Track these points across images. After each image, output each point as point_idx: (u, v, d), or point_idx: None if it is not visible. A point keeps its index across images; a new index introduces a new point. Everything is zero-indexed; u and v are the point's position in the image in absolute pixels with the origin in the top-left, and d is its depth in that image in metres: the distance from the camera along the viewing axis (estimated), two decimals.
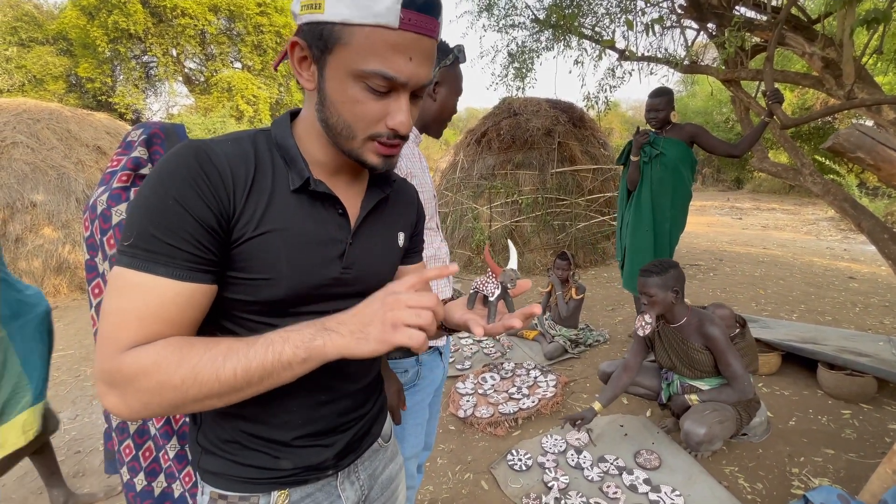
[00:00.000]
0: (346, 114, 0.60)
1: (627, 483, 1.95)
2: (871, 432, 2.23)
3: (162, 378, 0.51)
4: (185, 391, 0.52)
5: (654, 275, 2.08)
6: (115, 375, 0.52)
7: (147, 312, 0.54)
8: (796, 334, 3.02)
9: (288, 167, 0.63)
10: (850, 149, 1.43)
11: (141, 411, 0.53)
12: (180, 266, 0.54)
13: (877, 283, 4.80)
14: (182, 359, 0.52)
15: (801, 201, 11.98)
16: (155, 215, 0.54)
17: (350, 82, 0.57)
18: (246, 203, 0.59)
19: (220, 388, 0.52)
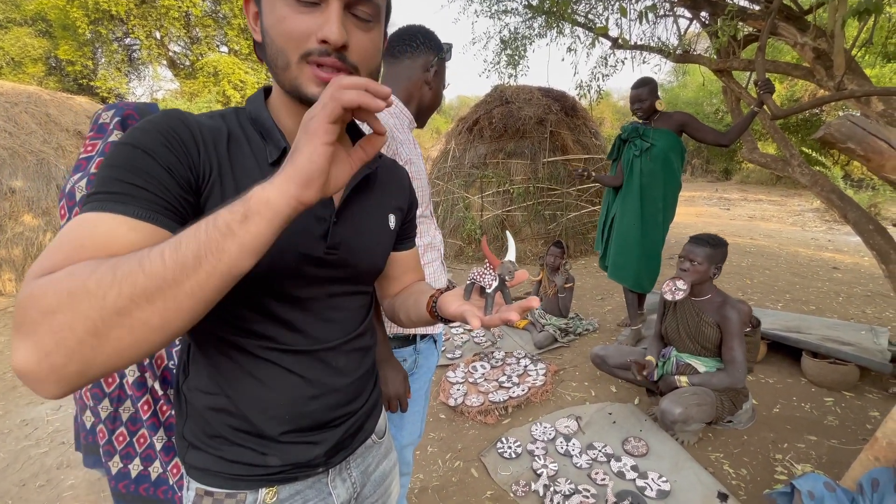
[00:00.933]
0: (277, 38, 0.55)
1: (615, 470, 1.97)
2: (853, 419, 2.28)
3: (72, 286, 0.39)
4: (104, 295, 0.39)
5: (709, 245, 2.15)
6: (24, 305, 0.39)
7: (90, 241, 0.45)
8: (781, 323, 3.07)
9: (265, 141, 0.61)
10: (840, 139, 1.44)
11: (53, 351, 0.38)
12: (141, 205, 0.48)
13: (860, 273, 4.89)
14: (100, 263, 0.41)
15: (787, 192, 12.13)
16: (120, 163, 0.50)
17: (277, 2, 0.55)
18: (219, 175, 0.56)
19: (146, 280, 0.40)
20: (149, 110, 1.34)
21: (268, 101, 0.65)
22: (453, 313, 0.65)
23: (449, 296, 0.68)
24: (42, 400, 2.87)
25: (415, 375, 1.24)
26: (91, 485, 2.08)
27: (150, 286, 0.40)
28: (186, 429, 0.67)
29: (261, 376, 0.63)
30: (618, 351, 2.51)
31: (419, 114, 1.28)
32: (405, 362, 1.21)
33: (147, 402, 1.25)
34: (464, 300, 0.66)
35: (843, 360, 2.54)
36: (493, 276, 0.61)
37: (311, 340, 0.66)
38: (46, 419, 2.66)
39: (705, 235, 2.21)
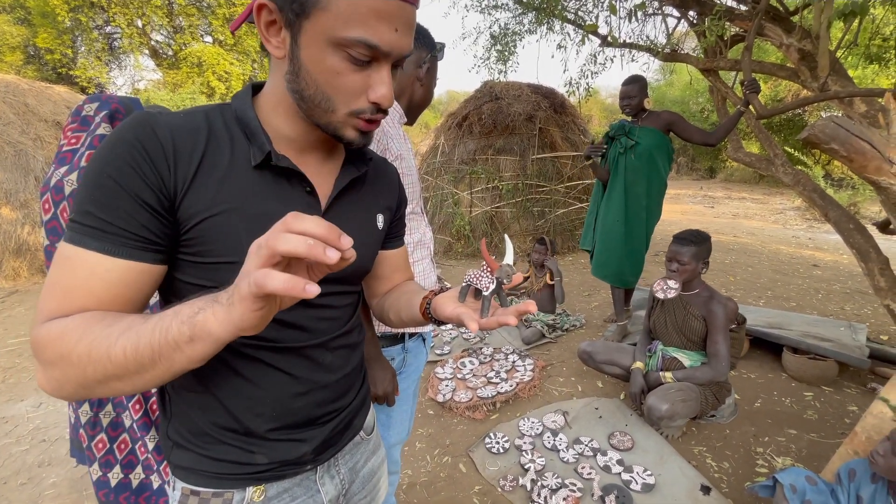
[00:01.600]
0: (324, 85, 0.55)
1: (601, 464, 2.00)
2: (832, 413, 2.34)
3: (62, 350, 0.48)
4: (84, 369, 0.47)
5: (692, 244, 2.18)
6: (34, 347, 0.51)
7: (73, 285, 0.51)
8: (763, 319, 3.13)
9: (249, 142, 0.59)
10: (824, 140, 1.46)
11: (58, 389, 0.50)
12: (113, 242, 0.52)
13: (839, 271, 5.01)
14: (84, 333, 0.48)
15: (769, 191, 12.35)
16: (92, 190, 0.51)
17: (329, 51, 0.53)
18: (194, 179, 0.55)
19: (114, 368, 0.46)
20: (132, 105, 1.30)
21: (256, 99, 0.63)
22: (449, 315, 0.64)
23: (444, 298, 0.68)
24: (22, 396, 2.81)
25: (403, 374, 1.23)
26: (73, 483, 2.05)
27: (117, 372, 0.47)
28: (171, 428, 0.66)
29: (247, 374, 0.62)
30: (604, 347, 2.54)
31: (409, 110, 1.28)
32: (393, 361, 1.21)
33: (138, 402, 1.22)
34: (459, 302, 0.65)
35: (823, 356, 2.60)
36: (490, 279, 0.61)
37: (298, 337, 0.65)
38: (27, 416, 2.60)
39: (688, 234, 2.24)
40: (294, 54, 0.55)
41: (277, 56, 0.56)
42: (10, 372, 3.13)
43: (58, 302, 0.51)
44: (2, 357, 3.35)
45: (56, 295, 0.52)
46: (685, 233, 2.26)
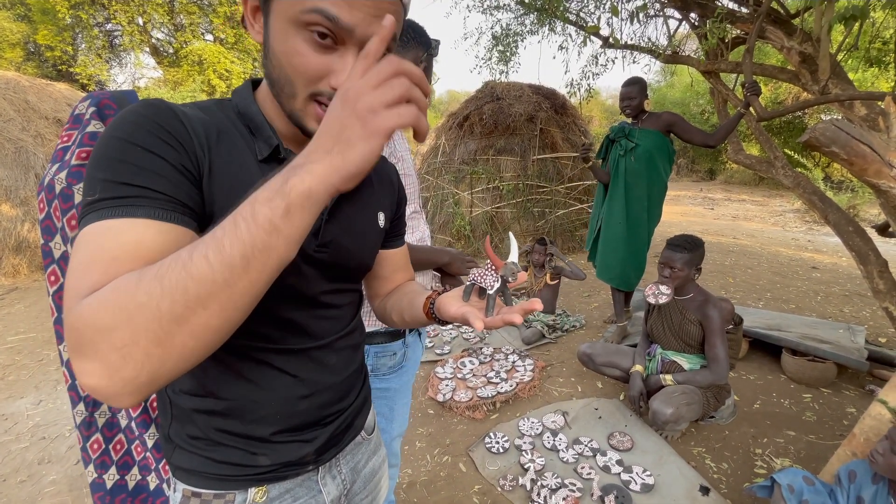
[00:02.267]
0: (287, 67, 0.53)
1: (601, 464, 2.01)
2: (830, 415, 2.35)
3: (122, 301, 0.39)
4: (157, 307, 0.38)
5: (685, 250, 2.18)
6: (78, 328, 0.39)
7: (119, 255, 0.44)
8: (762, 321, 3.14)
9: (253, 136, 0.59)
10: (825, 143, 1.47)
11: (122, 367, 0.39)
12: (159, 206, 0.47)
13: (838, 273, 5.02)
14: (143, 273, 0.40)
15: (769, 193, 12.37)
16: (120, 164, 0.47)
17: (292, 30, 0.51)
18: (212, 169, 0.53)
19: (198, 288, 0.39)
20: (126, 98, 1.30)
21: (256, 94, 0.62)
22: (454, 315, 0.64)
23: (447, 297, 0.68)
24: (22, 394, 2.81)
25: (403, 368, 1.25)
26: (72, 480, 2.05)
27: (201, 292, 0.39)
28: (172, 430, 0.65)
29: (252, 377, 0.62)
30: (604, 349, 2.55)
31: None
32: (395, 356, 1.22)
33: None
34: (463, 302, 0.65)
35: (822, 358, 2.61)
36: (495, 278, 0.61)
37: (302, 339, 0.65)
38: (27, 414, 2.60)
39: (681, 239, 2.23)
40: (266, 37, 0.54)
41: (257, 41, 0.56)
42: (9, 369, 3.13)
43: (100, 274, 0.42)
44: (1, 354, 3.35)
45: (97, 267, 0.43)
46: (678, 238, 2.25)
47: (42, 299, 4.55)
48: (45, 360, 3.26)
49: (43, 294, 4.73)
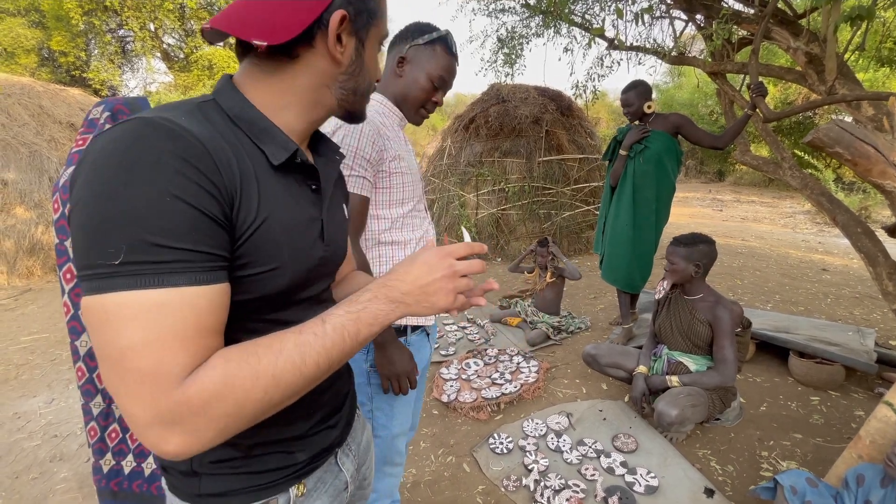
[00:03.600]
0: (372, 76, 0.66)
1: (605, 465, 2.00)
2: (838, 418, 2.32)
3: (240, 395, 0.47)
4: (269, 400, 0.49)
5: (683, 245, 2.21)
6: (180, 411, 0.44)
7: (187, 330, 0.46)
8: (770, 323, 3.11)
9: (257, 142, 0.57)
10: (829, 144, 1.47)
11: (215, 439, 0.47)
12: (201, 269, 0.47)
13: (848, 276, 4.96)
14: (256, 370, 0.48)
15: (779, 194, 12.24)
16: (152, 219, 0.44)
17: (377, 48, 0.66)
18: (241, 188, 0.52)
19: (305, 382, 0.52)
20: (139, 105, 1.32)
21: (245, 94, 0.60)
22: None
23: None
24: (35, 393, 2.87)
25: None
26: (83, 478, 2.09)
27: (305, 386, 0.52)
28: (195, 463, 0.61)
29: None
30: (609, 350, 2.54)
31: (400, 107, 1.25)
32: None
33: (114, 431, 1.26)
34: None
35: (830, 360, 2.58)
36: None
37: None
38: (39, 412, 2.65)
39: (683, 236, 2.26)
40: (359, 56, 0.63)
41: (342, 61, 0.61)
42: (23, 368, 3.19)
43: (182, 356, 0.45)
44: (15, 354, 3.42)
45: (175, 349, 0.45)
46: (681, 235, 2.28)
47: (55, 300, 4.63)
48: (57, 360, 3.32)
49: (56, 295, 4.81)
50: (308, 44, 0.58)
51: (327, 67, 0.61)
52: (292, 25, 0.55)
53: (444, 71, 1.20)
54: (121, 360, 0.44)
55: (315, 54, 0.59)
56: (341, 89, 0.63)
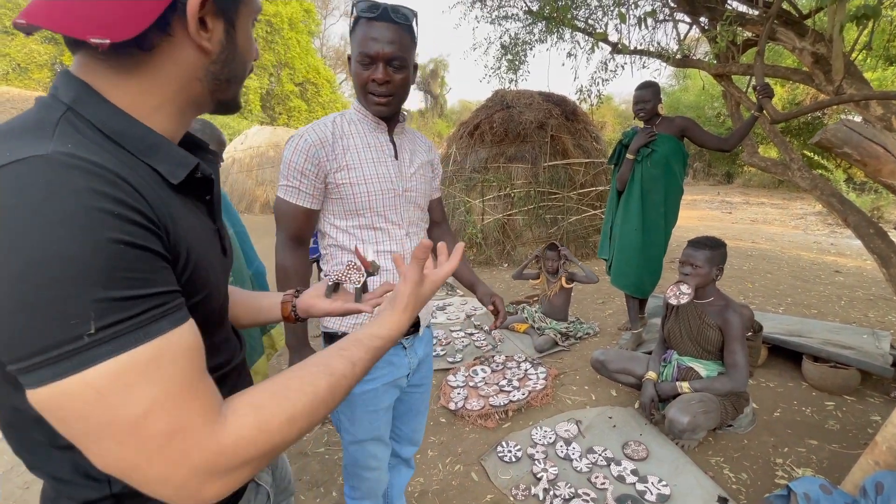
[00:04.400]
0: (248, 54, 0.58)
1: (615, 474, 1.97)
2: (854, 423, 2.27)
3: (277, 439, 0.48)
4: (300, 434, 0.51)
5: (707, 248, 2.16)
6: (217, 461, 0.43)
7: (192, 376, 0.44)
8: (782, 327, 3.06)
9: (148, 160, 0.48)
10: (837, 144, 1.45)
11: (250, 476, 0.48)
12: (175, 308, 0.44)
13: (862, 277, 4.88)
14: (292, 414, 0.49)
15: (789, 196, 12.11)
16: (106, 273, 0.38)
17: (250, 25, 0.57)
18: (159, 216, 0.45)
19: (325, 412, 0.54)
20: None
21: (109, 102, 0.48)
22: (329, 310, 0.81)
23: (310, 298, 0.83)
24: None
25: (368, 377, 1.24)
26: None
27: (324, 415, 0.54)
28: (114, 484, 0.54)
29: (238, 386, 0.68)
30: (617, 355, 2.52)
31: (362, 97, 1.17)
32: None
33: None
34: (328, 299, 0.82)
35: (845, 364, 2.53)
36: (360, 275, 0.79)
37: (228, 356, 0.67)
38: None
39: (703, 238, 2.22)
40: (230, 40, 0.53)
41: (211, 49, 0.51)
42: None
43: (196, 404, 0.43)
44: None
45: (187, 399, 0.42)
46: (701, 237, 2.24)
47: None
48: None
49: None
50: (165, 32, 0.47)
51: (193, 58, 0.51)
52: (139, 15, 0.44)
53: (361, 43, 1.08)
54: (134, 431, 0.39)
55: (176, 44, 0.49)
56: (214, 80, 0.53)
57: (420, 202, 1.28)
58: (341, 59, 27.63)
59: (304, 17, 18.57)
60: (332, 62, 26.23)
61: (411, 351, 1.31)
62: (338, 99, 21.10)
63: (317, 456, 2.21)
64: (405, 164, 1.23)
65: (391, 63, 1.08)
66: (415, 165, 1.26)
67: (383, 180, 1.17)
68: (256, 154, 11.28)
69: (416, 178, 1.25)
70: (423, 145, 1.33)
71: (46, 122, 0.43)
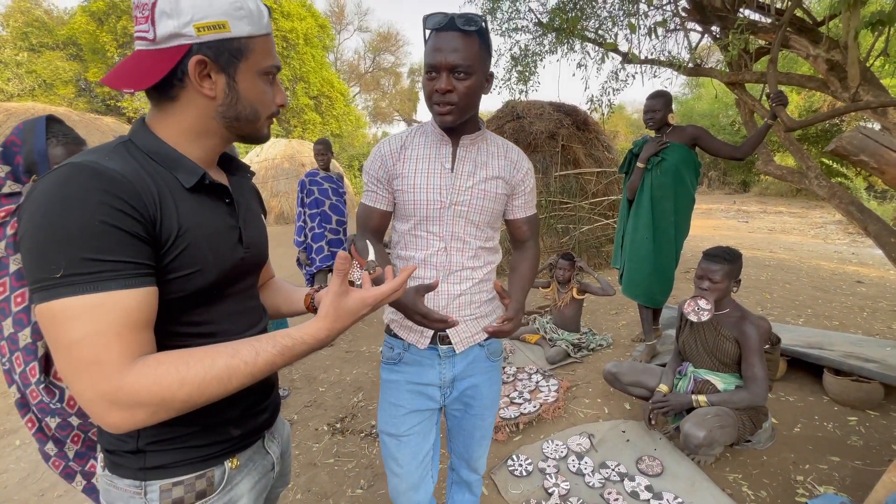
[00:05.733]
0: (256, 103, 0.75)
1: (629, 489, 1.93)
2: (878, 439, 2.19)
3: (166, 394, 0.58)
4: (192, 401, 0.61)
5: (726, 262, 2.10)
6: (117, 395, 0.57)
7: (121, 326, 0.58)
8: (802, 339, 2.98)
9: (170, 170, 0.70)
10: (853, 152, 1.42)
11: (147, 420, 0.60)
12: (130, 276, 0.59)
13: (885, 287, 4.74)
14: (184, 376, 0.60)
15: (808, 204, 11.87)
16: (84, 241, 0.56)
17: (258, 79, 0.74)
18: (161, 208, 0.65)
19: (227, 394, 0.64)
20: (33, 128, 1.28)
21: (155, 132, 0.72)
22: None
23: (324, 293, 0.86)
24: None
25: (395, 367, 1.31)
26: None
27: (227, 395, 0.64)
28: (141, 441, 0.72)
29: None
30: (630, 368, 2.47)
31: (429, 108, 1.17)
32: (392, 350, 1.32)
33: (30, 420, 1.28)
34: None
35: (868, 378, 2.45)
36: (359, 273, 0.84)
37: (245, 327, 0.81)
38: None
39: (719, 250, 2.16)
40: (233, 89, 0.72)
41: (210, 96, 0.70)
42: None
43: (119, 348, 0.58)
44: None
45: (112, 342, 0.57)
46: (716, 249, 2.18)
47: None
48: None
49: None
50: (182, 86, 0.69)
51: (204, 103, 0.71)
52: (151, 74, 0.67)
53: (427, 55, 1.10)
54: (69, 351, 0.56)
55: (190, 93, 0.70)
56: (224, 118, 0.73)
57: (475, 218, 1.22)
58: (355, 72, 28.06)
59: (318, 33, 18.94)
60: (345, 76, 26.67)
61: (446, 362, 1.28)
62: (351, 112, 21.38)
63: (326, 467, 2.20)
64: (462, 177, 1.20)
65: (454, 72, 1.07)
66: (474, 179, 1.20)
67: (431, 191, 1.19)
68: (272, 166, 11.47)
69: (472, 192, 1.20)
70: (500, 160, 1.25)
71: (109, 145, 0.68)
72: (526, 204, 1.31)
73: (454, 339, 1.26)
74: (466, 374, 1.31)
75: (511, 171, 1.25)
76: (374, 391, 2.92)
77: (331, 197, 3.77)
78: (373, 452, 2.30)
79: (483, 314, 1.30)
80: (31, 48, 13.99)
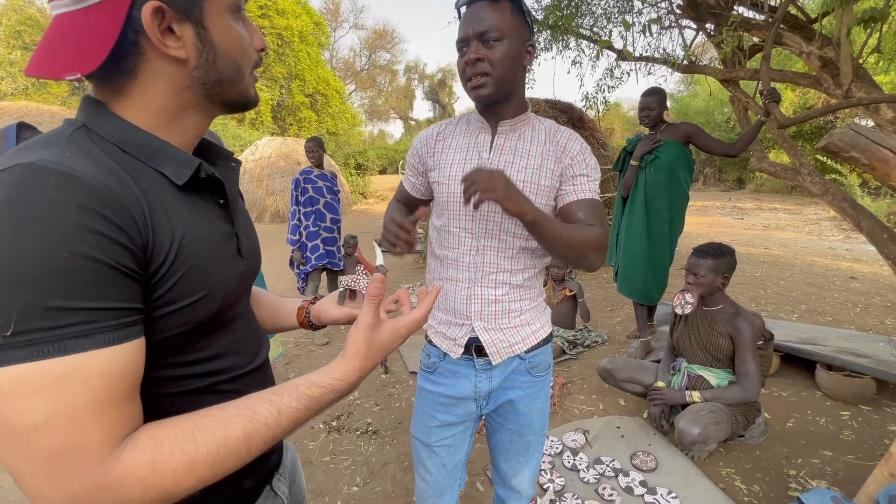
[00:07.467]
0: (236, 53, 0.55)
1: (623, 485, 1.94)
2: (870, 434, 2.21)
3: (169, 485, 0.43)
4: (202, 484, 0.46)
5: (710, 257, 2.14)
6: (101, 496, 0.40)
7: (100, 401, 0.41)
8: (795, 335, 3.00)
9: (153, 164, 0.52)
10: (844, 148, 1.42)
11: None
12: (110, 328, 0.42)
13: (878, 283, 4.77)
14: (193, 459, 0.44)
15: (803, 201, 11.93)
16: (47, 281, 0.38)
17: (231, 18, 0.54)
18: (153, 227, 0.47)
19: (243, 465, 0.49)
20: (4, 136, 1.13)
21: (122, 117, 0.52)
22: (337, 318, 0.79)
23: (323, 305, 0.81)
24: None
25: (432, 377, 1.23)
26: None
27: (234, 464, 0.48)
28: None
29: None
30: (625, 364, 2.48)
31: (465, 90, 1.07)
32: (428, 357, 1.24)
33: None
34: (340, 306, 0.80)
35: (860, 373, 2.47)
36: (367, 280, 0.76)
37: (251, 355, 0.66)
38: None
39: (707, 246, 2.19)
40: (205, 43, 0.52)
41: (181, 57, 0.51)
42: None
43: (99, 429, 0.41)
44: None
45: (87, 423, 0.40)
46: (705, 245, 2.21)
47: None
48: None
49: None
50: (138, 52, 0.49)
51: (173, 70, 0.51)
52: (94, 46, 0.46)
53: (459, 31, 1.01)
54: (24, 440, 0.38)
55: (152, 60, 0.50)
56: (203, 84, 0.54)
57: None
58: (351, 70, 27.98)
59: (314, 30, 18.87)
60: (341, 73, 26.59)
61: (482, 375, 1.17)
62: (347, 109, 21.33)
63: (322, 465, 2.20)
64: (498, 168, 1.04)
65: (483, 39, 0.96)
66: (513, 170, 1.06)
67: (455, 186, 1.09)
68: (267, 164, 11.44)
69: None
70: (545, 147, 1.08)
71: (60, 135, 0.47)
72: (576, 188, 1.07)
73: (489, 349, 1.12)
74: (503, 387, 1.20)
75: (559, 156, 1.08)
76: (370, 389, 2.92)
77: (325, 195, 3.77)
78: (368, 450, 2.30)
79: (523, 323, 1.14)
80: (25, 46, 13.87)
